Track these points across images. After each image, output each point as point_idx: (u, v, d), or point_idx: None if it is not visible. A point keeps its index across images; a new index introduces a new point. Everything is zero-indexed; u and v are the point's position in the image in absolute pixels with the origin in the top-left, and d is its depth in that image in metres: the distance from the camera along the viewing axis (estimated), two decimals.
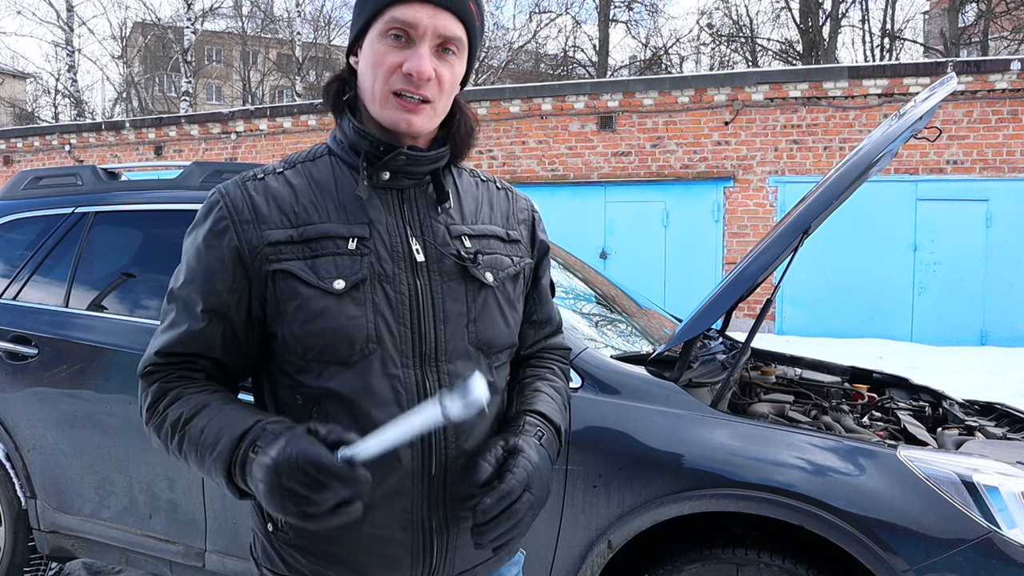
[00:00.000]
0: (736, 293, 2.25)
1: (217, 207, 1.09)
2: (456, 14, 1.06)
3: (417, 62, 1.03)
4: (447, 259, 1.10)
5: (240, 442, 0.99)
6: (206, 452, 1.01)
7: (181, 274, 1.11)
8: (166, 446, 1.08)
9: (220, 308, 1.07)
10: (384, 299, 1.06)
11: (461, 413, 0.90)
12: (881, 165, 2.39)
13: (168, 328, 1.10)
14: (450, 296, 1.10)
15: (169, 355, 1.10)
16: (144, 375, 1.11)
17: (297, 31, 24.89)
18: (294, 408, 1.08)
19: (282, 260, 1.05)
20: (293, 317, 1.04)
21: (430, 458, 1.07)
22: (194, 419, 1.04)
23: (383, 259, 1.07)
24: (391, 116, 1.06)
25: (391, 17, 1.04)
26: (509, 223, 1.22)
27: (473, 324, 1.11)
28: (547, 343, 1.32)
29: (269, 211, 1.07)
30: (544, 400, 1.19)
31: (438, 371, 1.08)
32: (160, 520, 2.61)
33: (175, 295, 1.11)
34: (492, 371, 1.15)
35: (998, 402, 2.83)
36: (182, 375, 1.10)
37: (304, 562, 1.10)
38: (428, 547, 1.10)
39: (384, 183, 1.10)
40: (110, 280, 2.89)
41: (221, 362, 1.11)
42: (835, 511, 1.84)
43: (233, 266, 1.07)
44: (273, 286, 1.05)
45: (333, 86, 1.14)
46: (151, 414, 1.09)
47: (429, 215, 1.12)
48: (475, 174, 1.25)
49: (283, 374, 1.09)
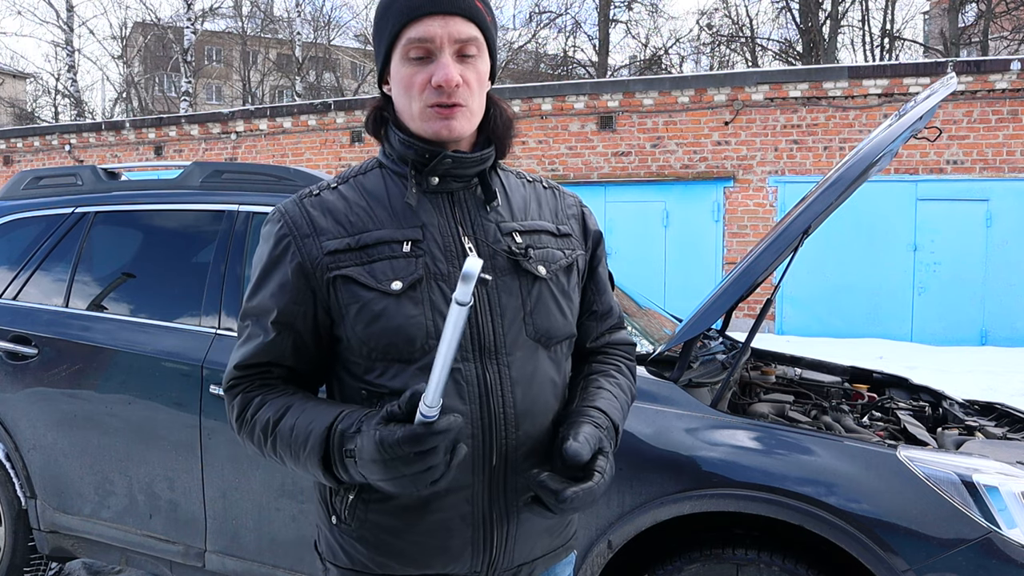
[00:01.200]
0: (736, 293, 2.25)
1: (279, 225, 1.15)
2: (466, 16, 1.10)
3: (443, 72, 1.08)
4: (499, 255, 1.15)
5: (330, 432, 1.04)
6: (299, 449, 1.06)
7: (251, 291, 1.17)
8: (261, 451, 1.13)
9: (288, 320, 1.13)
10: (441, 297, 1.10)
11: (464, 290, 0.91)
12: (881, 165, 2.39)
13: (244, 343, 1.17)
14: (505, 291, 1.14)
15: (247, 367, 1.16)
16: (228, 389, 1.18)
17: (297, 31, 24.89)
18: (360, 402, 1.12)
19: (341, 267, 1.11)
20: (356, 320, 1.10)
21: (491, 449, 1.10)
22: (282, 420, 1.09)
23: (437, 259, 1.11)
24: (432, 127, 1.11)
25: (408, 39, 1.09)
26: (558, 218, 1.26)
27: (530, 316, 1.15)
28: (611, 338, 1.33)
29: (327, 223, 1.14)
30: (606, 397, 1.20)
31: (498, 363, 1.11)
32: (160, 520, 2.61)
33: (247, 312, 1.17)
34: (552, 362, 1.18)
35: (998, 402, 2.83)
36: (261, 383, 1.16)
37: (366, 554, 1.14)
38: (488, 538, 1.13)
39: (434, 188, 1.15)
40: (110, 280, 2.89)
41: (295, 369, 1.17)
42: (835, 511, 1.84)
43: (296, 279, 1.12)
44: (335, 292, 1.11)
45: (372, 115, 1.21)
46: (241, 424, 1.15)
47: (479, 214, 1.17)
48: (521, 175, 1.29)
49: (350, 375, 1.14)
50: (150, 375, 2.57)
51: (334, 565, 1.18)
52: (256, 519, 2.44)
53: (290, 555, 2.40)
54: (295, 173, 2.68)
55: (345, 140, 12.53)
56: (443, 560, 1.12)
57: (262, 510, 2.42)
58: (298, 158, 12.79)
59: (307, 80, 25.60)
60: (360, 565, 1.14)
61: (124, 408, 2.61)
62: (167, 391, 2.54)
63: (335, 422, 1.04)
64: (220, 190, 2.74)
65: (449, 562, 1.12)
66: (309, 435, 1.05)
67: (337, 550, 1.17)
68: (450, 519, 1.10)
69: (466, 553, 1.12)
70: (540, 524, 1.18)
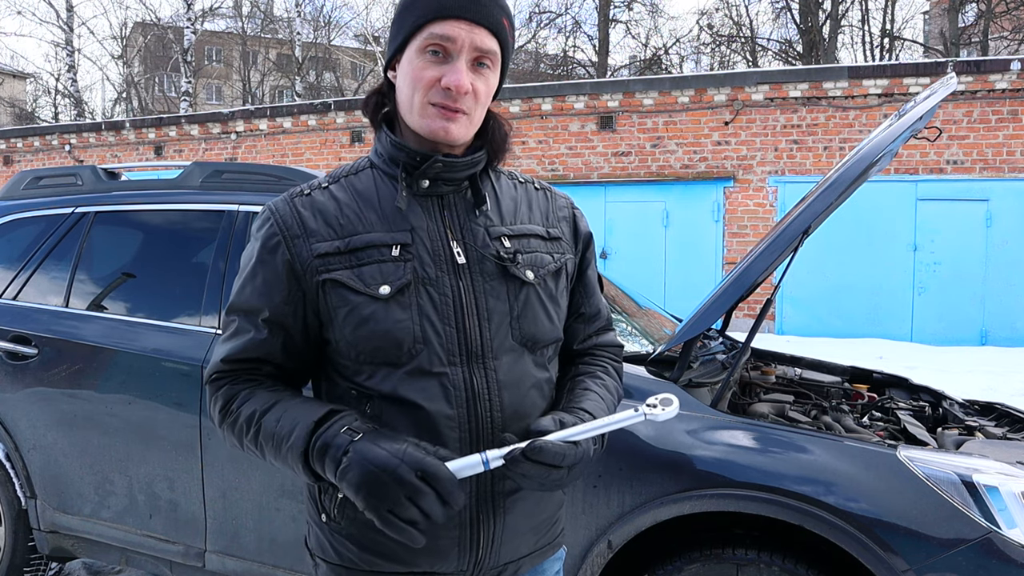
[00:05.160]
0: (736, 293, 2.25)
1: (268, 224, 1.16)
2: (491, 30, 1.11)
3: (455, 77, 1.08)
4: (488, 260, 1.15)
5: (316, 429, 1.05)
6: (282, 441, 1.07)
7: (239, 287, 1.17)
8: (240, 442, 1.14)
9: (279, 318, 1.14)
10: (429, 301, 1.11)
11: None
12: (881, 165, 2.39)
13: (231, 337, 1.17)
14: (492, 295, 1.14)
15: (235, 361, 1.16)
16: (211, 381, 1.18)
17: (297, 31, 24.89)
18: (348, 402, 1.13)
19: (331, 270, 1.11)
20: (344, 323, 1.11)
21: (478, 446, 1.10)
22: (268, 413, 1.11)
23: (426, 263, 1.12)
24: (430, 124, 1.11)
25: (430, 33, 1.09)
26: (549, 221, 1.26)
27: (516, 321, 1.15)
28: (599, 340, 1.33)
29: (317, 225, 1.14)
30: (592, 399, 1.20)
31: (485, 367, 1.12)
32: (160, 520, 2.61)
33: (235, 307, 1.17)
34: (539, 366, 1.19)
35: (998, 402, 2.83)
36: (248, 379, 1.17)
37: (355, 551, 1.15)
38: (475, 538, 1.14)
39: (424, 191, 1.15)
40: (110, 280, 2.89)
41: (283, 367, 1.18)
42: (835, 511, 1.84)
43: (287, 279, 1.13)
44: (324, 295, 1.12)
45: (372, 99, 1.20)
46: (224, 415, 1.15)
47: (468, 219, 1.17)
48: (513, 176, 1.29)
49: (339, 376, 1.15)
50: (150, 375, 2.57)
51: (324, 561, 1.19)
52: (256, 519, 2.44)
53: (290, 555, 2.40)
54: (295, 173, 2.68)
55: (345, 140, 12.53)
56: (430, 559, 1.13)
57: (262, 510, 2.42)
58: (298, 158, 12.79)
59: (307, 80, 25.60)
60: (349, 562, 1.16)
61: (124, 408, 2.61)
62: (167, 391, 2.54)
63: (323, 419, 1.06)
64: (220, 190, 2.74)
65: (436, 561, 1.13)
66: (294, 428, 1.06)
67: (327, 547, 1.18)
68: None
69: (453, 552, 1.13)
70: (526, 523, 1.19)
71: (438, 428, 1.09)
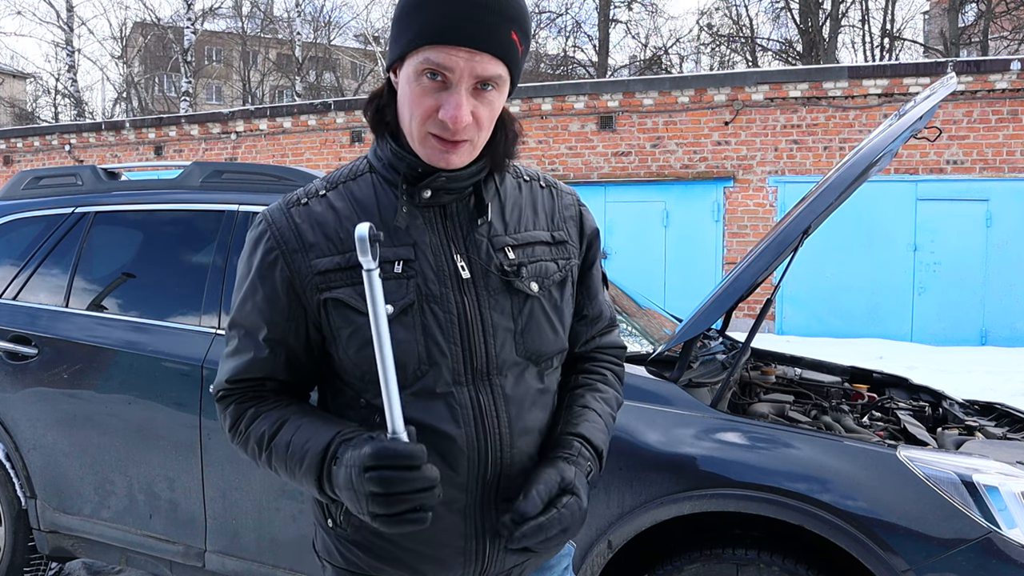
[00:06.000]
0: (736, 293, 2.25)
1: (265, 237, 1.11)
2: (496, 54, 1.00)
3: (453, 112, 0.99)
4: (491, 274, 1.11)
5: (324, 456, 1.03)
6: (295, 467, 1.06)
7: (240, 301, 1.15)
8: (255, 461, 1.14)
9: (280, 336, 1.12)
10: (433, 320, 1.07)
11: (366, 258, 0.94)
12: (881, 165, 2.39)
13: (234, 354, 1.15)
14: (496, 310, 1.10)
15: (238, 381, 1.15)
16: (219, 399, 1.17)
17: (297, 31, 24.89)
18: (358, 411, 1.12)
19: (332, 288, 1.08)
20: (348, 344, 1.08)
21: (486, 467, 1.10)
22: (277, 436, 1.09)
23: (429, 280, 1.08)
24: (429, 155, 1.05)
25: (426, 58, 0.99)
26: (555, 223, 1.21)
27: (520, 336, 1.12)
28: (601, 341, 1.30)
29: (315, 238, 1.09)
30: (591, 421, 1.18)
31: (490, 384, 1.10)
32: (160, 520, 2.61)
33: (236, 322, 1.15)
34: (544, 377, 1.16)
35: (998, 402, 2.83)
36: (253, 396, 1.15)
37: (363, 557, 1.14)
38: (480, 549, 1.13)
39: (426, 201, 1.10)
40: (110, 280, 2.89)
41: (287, 382, 1.17)
42: (835, 511, 1.84)
43: (287, 296, 1.10)
44: (326, 314, 1.09)
45: (373, 102, 1.13)
46: (234, 434, 1.15)
47: (471, 229, 1.12)
48: (518, 174, 1.22)
49: (345, 385, 1.14)
50: (150, 375, 2.57)
51: (331, 564, 1.19)
52: (256, 519, 2.44)
53: (290, 555, 2.40)
54: (295, 173, 2.68)
55: (345, 140, 12.53)
56: (436, 568, 1.13)
57: (262, 510, 2.42)
58: (298, 158, 12.78)
59: (307, 80, 25.60)
60: (355, 567, 1.16)
61: (124, 408, 2.61)
62: (167, 391, 2.54)
63: (328, 445, 1.04)
64: (220, 190, 2.74)
65: (441, 570, 1.13)
66: (305, 455, 1.04)
67: (333, 551, 1.18)
68: (444, 531, 1.11)
69: (458, 562, 1.13)
70: None
71: (446, 448, 1.07)
